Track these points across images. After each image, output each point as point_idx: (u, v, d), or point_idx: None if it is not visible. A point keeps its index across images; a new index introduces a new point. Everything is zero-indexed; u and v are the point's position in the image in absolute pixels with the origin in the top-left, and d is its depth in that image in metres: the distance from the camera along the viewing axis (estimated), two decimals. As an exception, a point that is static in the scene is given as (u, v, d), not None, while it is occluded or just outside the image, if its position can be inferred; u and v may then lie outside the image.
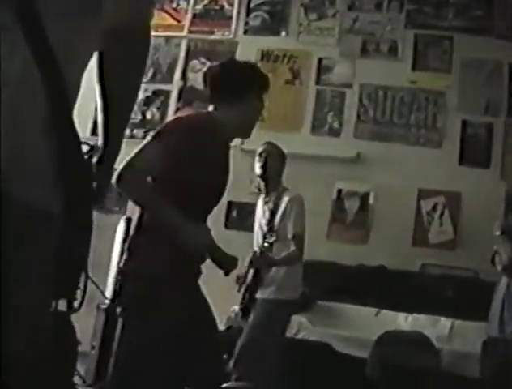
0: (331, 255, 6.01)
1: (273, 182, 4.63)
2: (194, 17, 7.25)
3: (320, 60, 6.81)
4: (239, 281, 4.46)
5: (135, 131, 6.86)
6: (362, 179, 6.45)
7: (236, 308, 4.96)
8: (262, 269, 4.45)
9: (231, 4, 7.17)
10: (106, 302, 4.91)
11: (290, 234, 4.47)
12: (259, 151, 4.68)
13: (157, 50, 7.10)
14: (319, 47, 6.85)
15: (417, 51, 6.61)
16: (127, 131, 1.58)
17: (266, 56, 6.92)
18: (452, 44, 6.51)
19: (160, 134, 2.82)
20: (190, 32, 7.23)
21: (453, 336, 5.23)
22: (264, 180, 4.64)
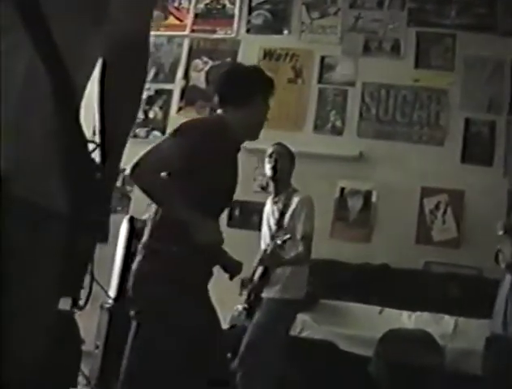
0: (334, 254, 6.00)
1: (283, 183, 4.64)
2: (196, 16, 7.25)
3: (322, 58, 6.81)
4: (244, 284, 4.46)
5: (138, 130, 6.86)
6: (365, 177, 6.44)
7: (239, 307, 4.96)
8: (271, 268, 4.46)
9: (233, 3, 7.17)
10: (110, 302, 4.91)
11: (299, 235, 4.46)
12: (269, 152, 4.69)
13: (159, 49, 7.10)
14: (321, 45, 6.84)
15: (420, 49, 6.60)
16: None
17: (268, 54, 6.92)
18: (455, 41, 6.51)
19: (177, 132, 2.88)
20: (193, 31, 7.23)
21: (457, 334, 5.23)
22: (274, 181, 4.65)
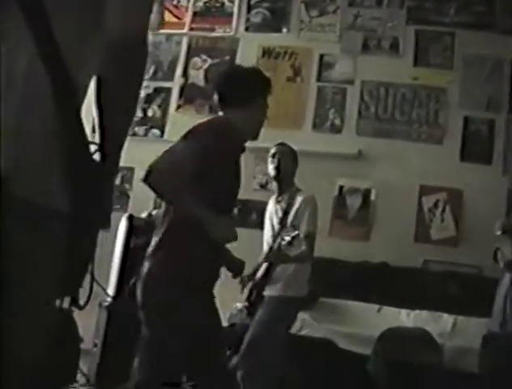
0: (333, 252, 6.00)
1: (286, 183, 4.67)
2: (195, 14, 7.25)
3: (321, 56, 6.81)
4: (244, 282, 4.46)
5: (136, 128, 6.86)
6: (364, 176, 6.44)
7: (238, 305, 4.96)
8: (276, 264, 4.48)
9: (232, 1, 7.16)
10: (108, 300, 4.91)
11: (303, 233, 4.47)
12: (272, 152, 4.72)
13: (158, 48, 7.10)
14: (320, 43, 6.84)
15: (419, 47, 6.60)
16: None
17: (267, 53, 6.91)
18: (454, 40, 6.50)
19: (189, 135, 2.94)
20: (191, 30, 7.22)
21: (455, 332, 5.23)
22: (277, 180, 4.68)
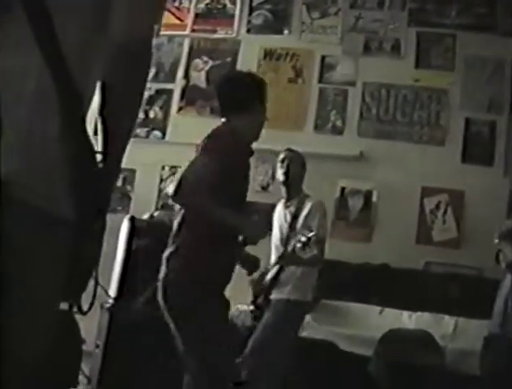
0: (335, 253, 5.98)
1: (295, 188, 4.73)
2: (197, 16, 7.25)
3: (323, 58, 6.81)
4: (253, 284, 4.47)
5: (138, 130, 6.86)
6: (365, 177, 6.44)
7: (240, 307, 4.96)
8: (286, 267, 4.51)
9: (233, 3, 7.17)
10: (110, 301, 4.91)
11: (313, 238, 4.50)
12: (281, 157, 4.80)
13: (160, 49, 7.10)
14: (322, 45, 6.84)
15: (420, 49, 6.60)
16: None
17: (268, 54, 6.92)
18: (455, 41, 6.51)
19: (204, 152, 3.11)
20: (193, 31, 7.23)
21: (457, 334, 5.23)
22: (286, 186, 4.74)
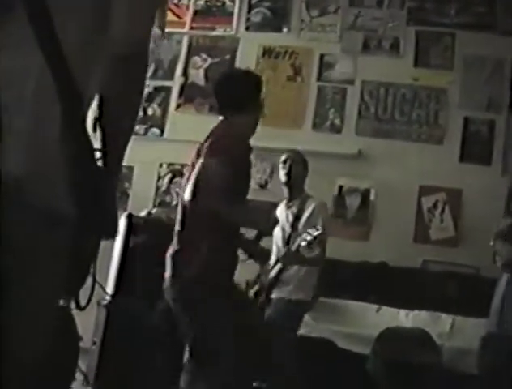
0: (332, 252, 5.96)
1: (297, 189, 4.80)
2: (196, 13, 7.24)
3: (322, 56, 6.81)
4: (249, 285, 4.49)
5: (136, 127, 6.84)
6: (363, 176, 6.45)
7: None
8: (289, 266, 4.53)
9: (232, 0, 7.16)
10: (107, 298, 4.91)
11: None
12: (283, 158, 4.84)
13: (158, 46, 7.10)
14: (321, 43, 6.84)
15: (419, 48, 6.60)
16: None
17: (267, 52, 6.91)
18: (454, 40, 6.50)
19: (211, 156, 3.19)
20: (192, 29, 7.22)
21: (454, 333, 5.24)
22: (288, 186, 4.80)
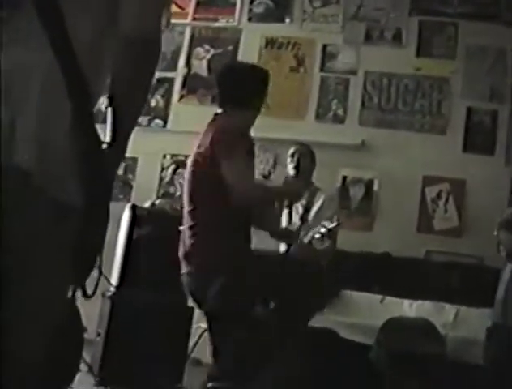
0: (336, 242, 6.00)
1: (305, 181, 4.81)
2: (198, 4, 7.22)
3: (324, 47, 6.79)
4: None
5: (140, 119, 6.85)
6: (367, 166, 6.44)
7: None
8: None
9: (235, -9, 7.15)
10: (112, 290, 4.92)
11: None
12: (291, 151, 4.87)
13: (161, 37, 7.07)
14: (323, 34, 6.82)
15: (422, 38, 6.58)
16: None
17: (270, 43, 6.90)
18: (457, 30, 6.49)
19: (226, 155, 3.24)
20: (194, 20, 7.20)
21: (458, 323, 5.24)
22: (297, 180, 4.80)
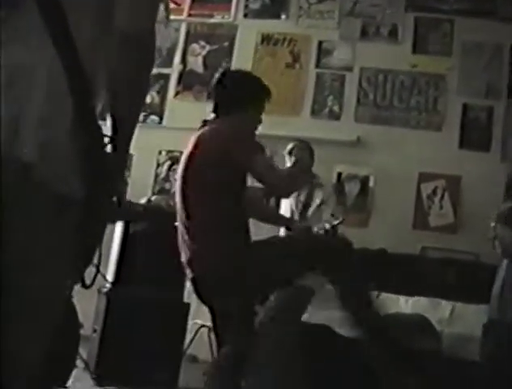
0: (332, 239, 6.02)
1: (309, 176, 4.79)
2: (194, 0, 7.22)
3: (320, 43, 6.80)
4: None
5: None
6: (362, 162, 6.45)
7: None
8: None
9: (230, -13, 7.14)
10: (107, 286, 4.92)
11: (327, 225, 4.60)
12: (289, 148, 4.90)
13: (157, 34, 7.06)
14: (319, 30, 6.83)
15: (418, 34, 6.59)
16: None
17: (266, 39, 6.90)
18: (453, 27, 6.49)
19: (249, 157, 3.23)
20: (190, 16, 7.20)
21: (453, 319, 5.25)
22: None
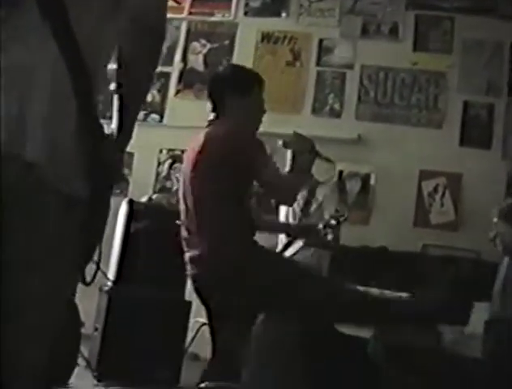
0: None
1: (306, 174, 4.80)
2: (194, -2, 7.23)
3: (321, 41, 6.80)
4: None
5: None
6: (363, 160, 6.45)
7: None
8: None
9: (231, -15, 7.14)
10: (109, 284, 4.92)
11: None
12: (285, 142, 4.86)
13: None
14: (320, 28, 6.82)
15: (418, 32, 6.59)
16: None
17: (266, 37, 6.90)
18: (453, 24, 6.49)
19: (256, 160, 3.26)
20: (190, 14, 7.19)
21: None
22: None
